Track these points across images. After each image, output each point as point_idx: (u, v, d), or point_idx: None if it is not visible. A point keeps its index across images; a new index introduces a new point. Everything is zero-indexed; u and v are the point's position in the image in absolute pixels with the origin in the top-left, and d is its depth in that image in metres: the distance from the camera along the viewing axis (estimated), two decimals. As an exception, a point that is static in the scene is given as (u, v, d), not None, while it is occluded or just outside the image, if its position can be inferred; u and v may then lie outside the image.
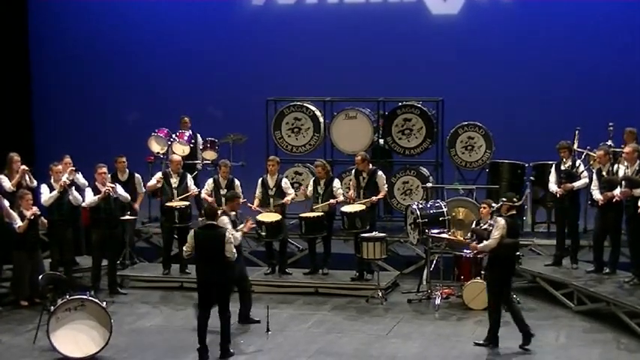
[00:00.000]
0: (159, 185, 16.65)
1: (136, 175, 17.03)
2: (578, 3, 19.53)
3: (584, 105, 18.99)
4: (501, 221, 13.04)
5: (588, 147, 15.80)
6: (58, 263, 15.85)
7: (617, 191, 14.58)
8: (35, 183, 16.10)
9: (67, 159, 16.48)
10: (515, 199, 13.32)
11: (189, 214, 16.51)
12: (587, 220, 16.55)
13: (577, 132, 15.54)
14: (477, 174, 17.80)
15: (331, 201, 16.05)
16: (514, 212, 13.29)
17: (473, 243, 13.73)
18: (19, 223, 14.86)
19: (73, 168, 16.11)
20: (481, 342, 13.19)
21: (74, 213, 16.07)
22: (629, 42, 19.12)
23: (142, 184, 17.05)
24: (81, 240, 16.69)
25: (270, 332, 13.80)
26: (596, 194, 15.00)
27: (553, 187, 15.52)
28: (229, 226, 13.35)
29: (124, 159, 16.83)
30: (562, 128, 16.43)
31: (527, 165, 17.25)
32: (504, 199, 13.33)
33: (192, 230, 12.93)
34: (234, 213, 13.93)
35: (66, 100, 21.65)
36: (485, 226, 13.84)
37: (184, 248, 12.92)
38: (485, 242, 13.18)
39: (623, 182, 14.53)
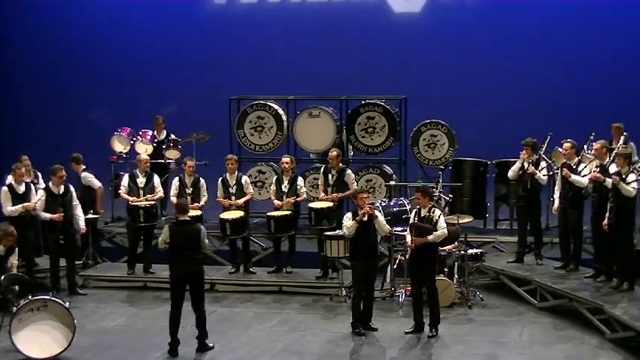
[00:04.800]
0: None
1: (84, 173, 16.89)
2: (540, 2, 19.66)
3: (547, 104, 19.14)
4: (438, 210, 13.67)
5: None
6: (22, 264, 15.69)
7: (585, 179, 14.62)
8: None
9: (26, 160, 16.35)
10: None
11: (154, 214, 16.48)
12: (549, 216, 16.66)
13: (549, 136, 15.61)
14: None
15: (290, 199, 16.03)
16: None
17: (413, 238, 13.58)
18: None
19: (35, 180, 16.06)
20: (410, 329, 13.69)
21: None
22: (595, 40, 19.23)
23: (93, 181, 16.96)
24: (40, 241, 16.57)
25: (234, 331, 13.77)
26: (557, 192, 15.11)
27: (513, 171, 15.58)
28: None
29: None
30: (525, 126, 16.52)
31: (489, 162, 17.33)
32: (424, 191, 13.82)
33: (166, 226, 13.00)
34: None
35: (30, 98, 21.53)
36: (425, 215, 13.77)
37: (161, 239, 12.92)
38: (435, 233, 13.45)
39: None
